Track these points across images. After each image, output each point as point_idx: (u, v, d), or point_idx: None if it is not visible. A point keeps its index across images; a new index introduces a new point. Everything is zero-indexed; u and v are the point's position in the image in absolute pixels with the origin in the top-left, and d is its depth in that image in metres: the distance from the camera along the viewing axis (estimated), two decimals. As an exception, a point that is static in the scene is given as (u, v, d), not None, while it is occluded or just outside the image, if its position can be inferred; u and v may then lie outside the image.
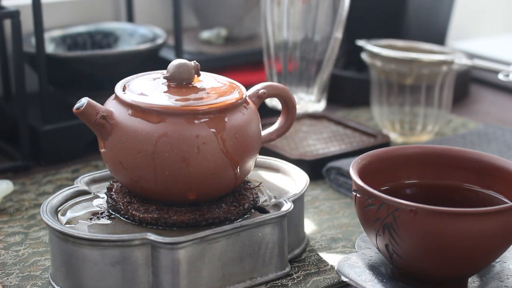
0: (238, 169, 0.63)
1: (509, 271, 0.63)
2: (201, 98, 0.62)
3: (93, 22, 1.08)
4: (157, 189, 0.62)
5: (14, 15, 0.85)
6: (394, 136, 0.97)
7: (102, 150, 0.64)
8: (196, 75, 0.64)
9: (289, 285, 0.65)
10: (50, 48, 1.01)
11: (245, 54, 1.05)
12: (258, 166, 0.74)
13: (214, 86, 0.65)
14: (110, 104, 0.64)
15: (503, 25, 1.54)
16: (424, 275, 0.61)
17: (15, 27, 0.86)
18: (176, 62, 0.64)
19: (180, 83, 0.64)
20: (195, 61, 0.64)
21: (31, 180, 0.86)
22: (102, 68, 0.93)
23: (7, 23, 0.97)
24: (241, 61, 1.04)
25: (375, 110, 0.98)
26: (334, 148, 0.90)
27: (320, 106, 0.93)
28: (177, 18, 0.99)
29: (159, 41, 0.97)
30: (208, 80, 0.65)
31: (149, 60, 0.96)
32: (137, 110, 0.62)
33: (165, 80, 0.64)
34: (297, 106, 0.88)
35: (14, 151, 0.91)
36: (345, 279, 0.61)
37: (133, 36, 1.04)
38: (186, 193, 0.62)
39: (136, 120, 0.61)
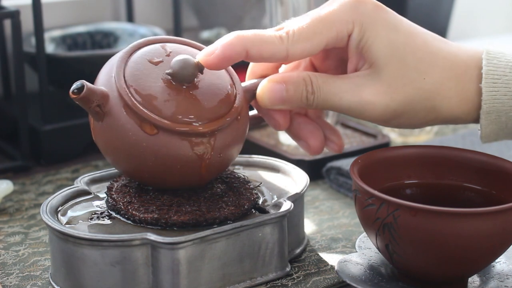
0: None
1: (509, 271, 0.63)
2: (196, 116, 0.61)
3: (93, 22, 1.08)
4: (149, 177, 0.63)
5: (14, 15, 0.85)
6: (393, 136, 0.97)
7: (93, 131, 0.64)
8: (199, 73, 0.63)
9: (289, 285, 0.65)
10: (50, 48, 1.01)
11: (245, 54, 1.05)
12: (258, 166, 0.75)
13: (212, 94, 0.63)
14: (108, 85, 0.62)
15: (503, 25, 1.54)
16: (424, 275, 0.61)
17: (15, 27, 0.86)
18: (180, 58, 0.63)
19: (182, 81, 0.63)
20: (198, 60, 0.63)
21: (31, 180, 0.86)
22: (102, 68, 0.93)
23: (7, 23, 0.97)
24: (241, 61, 1.04)
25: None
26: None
27: None
28: (177, 18, 0.99)
29: (159, 41, 0.97)
30: (209, 80, 0.64)
31: (149, 60, 0.96)
32: (134, 113, 0.61)
33: (168, 77, 0.63)
34: None
35: (14, 151, 0.91)
36: (345, 279, 0.61)
37: (133, 36, 1.04)
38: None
39: (130, 122, 0.61)
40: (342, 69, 0.66)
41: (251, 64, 0.68)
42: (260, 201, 0.68)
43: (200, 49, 0.66)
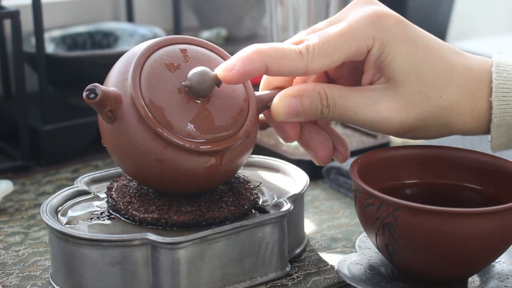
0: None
1: (509, 271, 0.63)
2: (207, 135, 0.61)
3: (93, 22, 1.08)
4: (153, 184, 0.63)
5: (14, 15, 0.85)
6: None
7: (102, 130, 0.63)
8: (216, 86, 0.62)
9: (289, 285, 0.65)
10: (50, 48, 1.01)
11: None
12: (258, 166, 0.75)
13: (225, 110, 0.62)
14: (122, 88, 0.61)
15: (503, 25, 1.54)
16: (424, 275, 0.61)
17: (15, 27, 0.86)
18: (197, 70, 0.61)
19: (198, 94, 0.62)
20: (216, 73, 0.61)
21: (31, 180, 0.86)
22: (102, 68, 0.93)
23: (7, 23, 0.97)
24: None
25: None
26: (334, 148, 0.90)
27: None
28: (177, 18, 0.99)
29: (159, 41, 0.97)
30: (224, 93, 0.63)
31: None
32: (146, 124, 0.61)
33: (186, 88, 0.62)
34: None
35: (14, 151, 0.91)
36: (345, 279, 0.61)
37: (133, 36, 1.04)
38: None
39: (140, 132, 0.61)
40: (355, 77, 0.66)
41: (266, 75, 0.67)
42: (260, 201, 0.68)
43: (218, 52, 0.65)
